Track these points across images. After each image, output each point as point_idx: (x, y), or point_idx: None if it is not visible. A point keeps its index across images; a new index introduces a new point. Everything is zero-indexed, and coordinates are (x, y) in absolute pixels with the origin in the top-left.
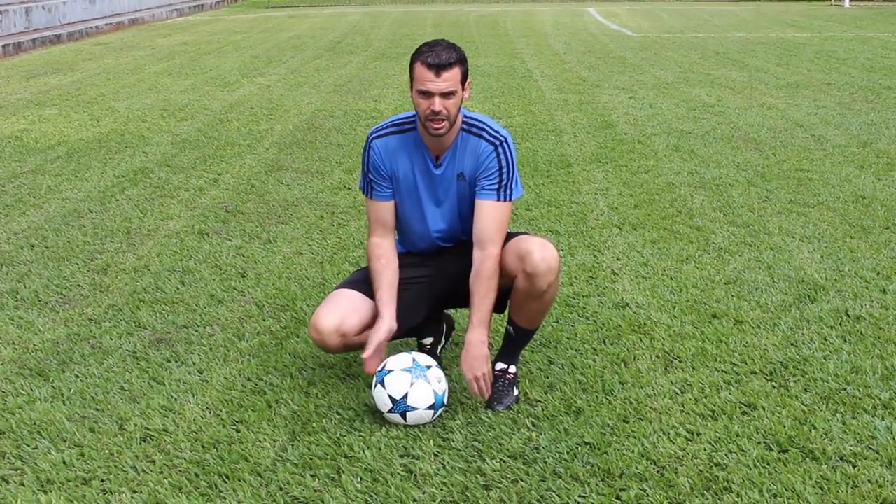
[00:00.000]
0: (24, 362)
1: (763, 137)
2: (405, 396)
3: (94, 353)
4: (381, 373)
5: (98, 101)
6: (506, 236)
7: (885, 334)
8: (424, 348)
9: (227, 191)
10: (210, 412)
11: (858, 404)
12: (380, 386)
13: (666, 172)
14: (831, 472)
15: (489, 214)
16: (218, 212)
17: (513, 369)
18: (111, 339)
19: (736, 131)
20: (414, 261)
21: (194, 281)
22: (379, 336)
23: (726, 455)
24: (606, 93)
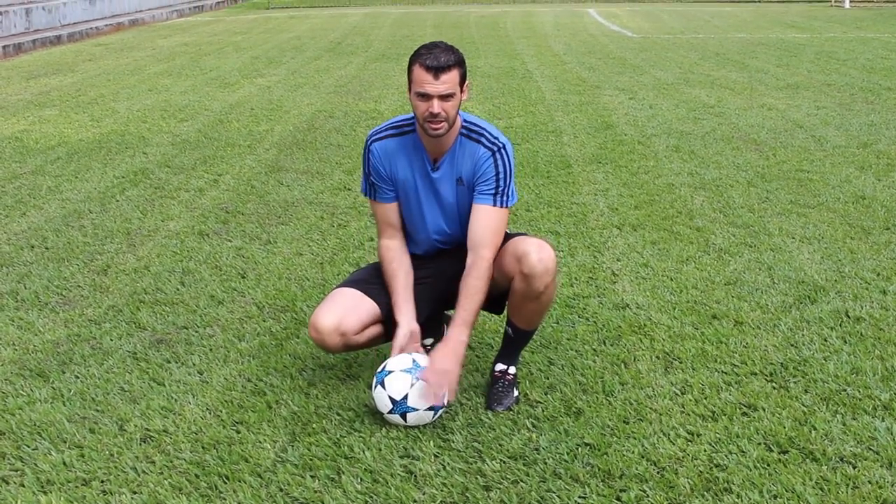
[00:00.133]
0: (24, 363)
1: (763, 138)
2: (405, 397)
3: (94, 354)
4: (381, 373)
5: (98, 102)
6: (504, 237)
7: (885, 335)
8: (425, 349)
9: (227, 191)
10: (210, 413)
11: (858, 405)
12: (380, 387)
13: (666, 173)
14: (831, 473)
15: (484, 219)
16: (218, 213)
17: (513, 370)
18: (111, 340)
19: (736, 132)
20: (414, 262)
21: (194, 282)
22: (400, 342)
23: (726, 456)
24: (606, 94)
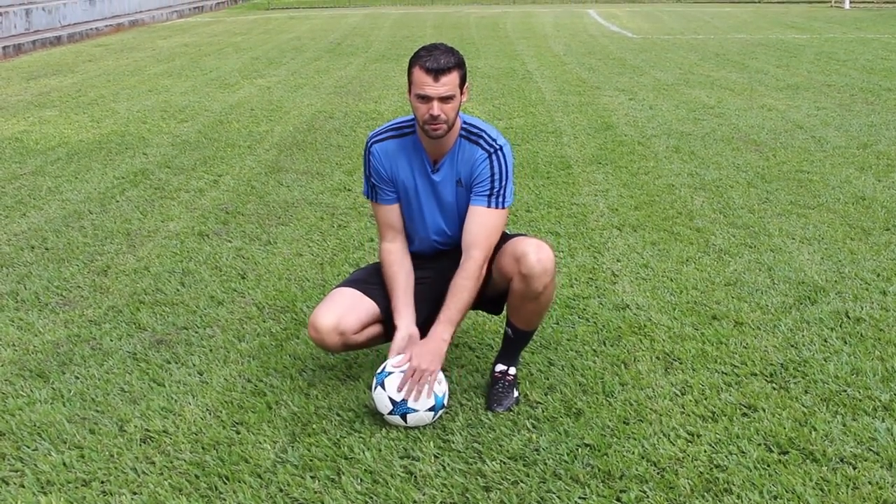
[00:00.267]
0: (24, 364)
1: (763, 139)
2: (405, 399)
3: (94, 355)
4: (381, 374)
5: (98, 103)
6: (502, 237)
7: (885, 336)
8: None
9: (227, 192)
10: (210, 413)
11: (859, 406)
12: (380, 388)
13: (666, 174)
14: (832, 474)
15: (478, 220)
16: (218, 213)
17: (513, 371)
18: (111, 341)
19: (736, 133)
20: (414, 263)
21: (194, 282)
22: (398, 345)
23: (726, 457)
24: (606, 94)
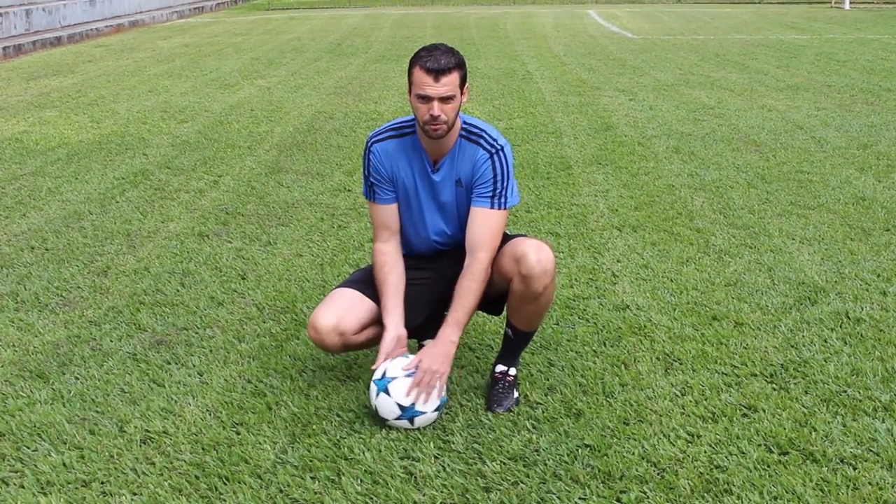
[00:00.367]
0: (24, 364)
1: (763, 139)
2: (413, 403)
3: (94, 355)
4: (383, 381)
5: (98, 103)
6: (503, 238)
7: (885, 336)
8: None
9: (227, 193)
10: (210, 414)
11: (859, 406)
12: (384, 394)
13: (666, 174)
14: (832, 475)
15: (481, 222)
16: (218, 214)
17: (513, 371)
18: (111, 341)
19: (736, 133)
20: (414, 263)
21: (194, 283)
22: (387, 347)
23: (727, 457)
24: (606, 95)
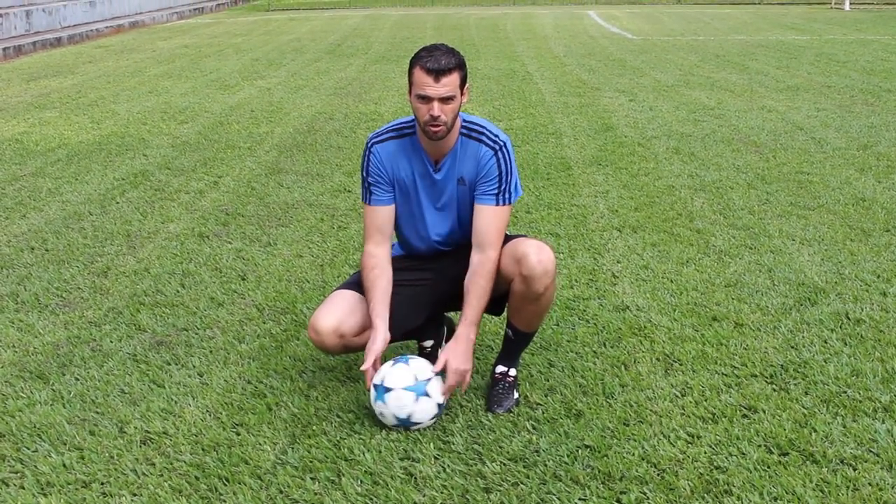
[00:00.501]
0: (24, 365)
1: (763, 140)
2: (409, 415)
3: (94, 356)
4: (381, 389)
5: (98, 104)
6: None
7: (885, 337)
8: (424, 350)
9: (227, 193)
10: (210, 415)
11: (859, 407)
12: (380, 402)
13: (666, 175)
14: (832, 476)
15: (488, 219)
16: (218, 214)
17: (513, 372)
18: (111, 342)
19: (736, 134)
20: (414, 264)
21: (194, 284)
22: (376, 349)
23: (727, 458)
24: (606, 95)
